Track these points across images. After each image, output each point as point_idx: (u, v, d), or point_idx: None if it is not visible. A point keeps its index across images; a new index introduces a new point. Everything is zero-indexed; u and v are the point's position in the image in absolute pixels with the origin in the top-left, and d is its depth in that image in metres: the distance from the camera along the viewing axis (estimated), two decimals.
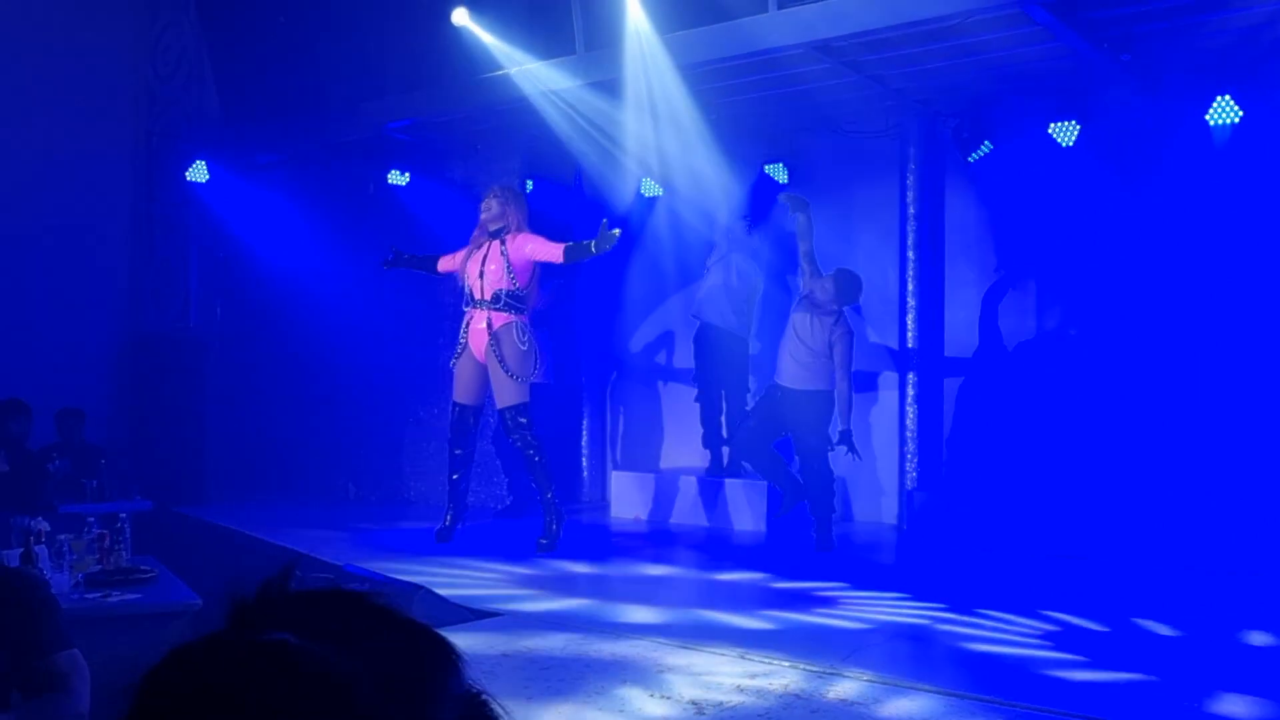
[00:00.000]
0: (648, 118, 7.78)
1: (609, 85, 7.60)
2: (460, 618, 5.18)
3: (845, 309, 7.24)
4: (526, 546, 6.89)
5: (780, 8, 6.69)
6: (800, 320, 7.18)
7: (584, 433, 9.65)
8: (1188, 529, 6.57)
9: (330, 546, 6.81)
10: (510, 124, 8.62)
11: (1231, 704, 3.96)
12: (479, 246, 6.91)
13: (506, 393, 6.77)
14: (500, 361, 6.73)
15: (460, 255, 7.06)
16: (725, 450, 8.36)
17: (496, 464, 8.92)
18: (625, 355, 9.82)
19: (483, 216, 6.90)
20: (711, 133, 8.10)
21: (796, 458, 7.31)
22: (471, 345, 6.89)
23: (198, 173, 9.65)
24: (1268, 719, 3.87)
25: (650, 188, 9.33)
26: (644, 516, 8.52)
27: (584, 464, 9.65)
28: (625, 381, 9.85)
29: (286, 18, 9.11)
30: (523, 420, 6.76)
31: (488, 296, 6.81)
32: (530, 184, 9.30)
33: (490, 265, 6.82)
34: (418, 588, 5.55)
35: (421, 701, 0.73)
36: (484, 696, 0.77)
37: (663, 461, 9.39)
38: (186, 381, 9.58)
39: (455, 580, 5.86)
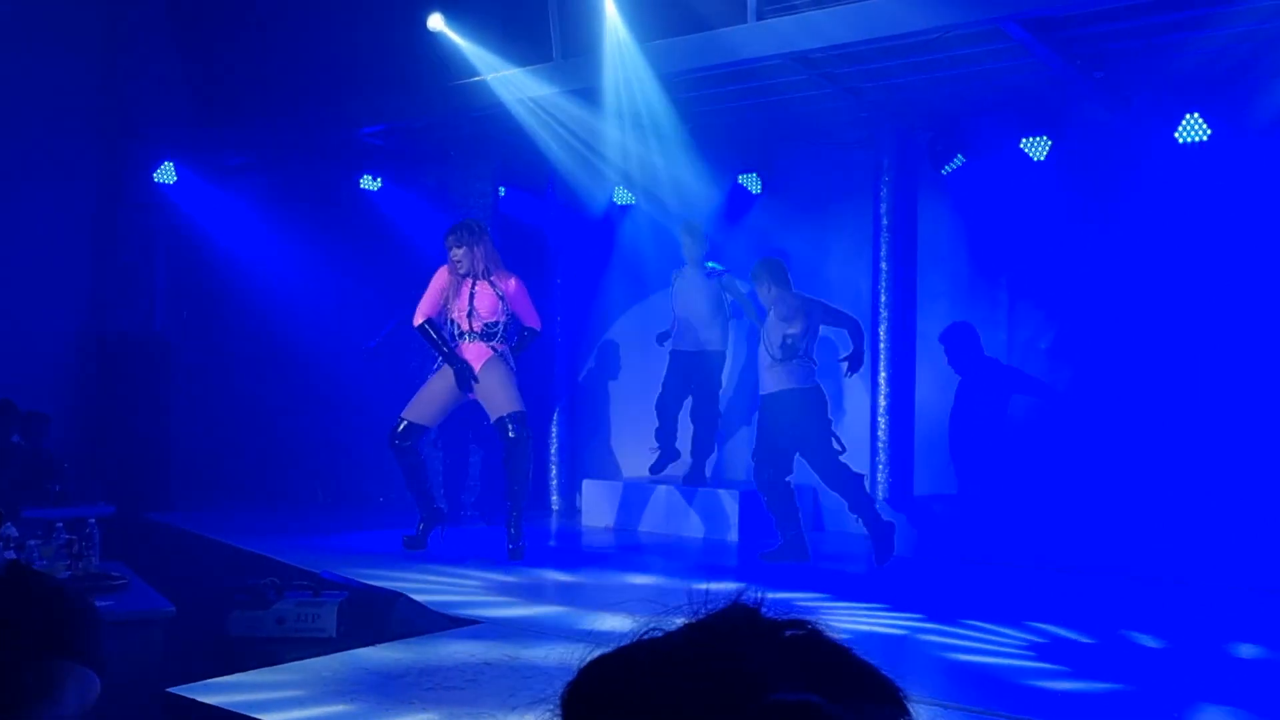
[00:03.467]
0: (623, 126, 7.80)
1: (585, 93, 7.61)
2: (439, 625, 5.15)
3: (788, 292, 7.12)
4: (498, 553, 6.86)
5: (759, 19, 6.74)
6: (762, 332, 7.23)
7: (554, 441, 9.62)
8: (1159, 540, 6.66)
9: (302, 553, 6.74)
10: (484, 130, 8.59)
11: (1209, 715, 4.02)
12: (460, 282, 6.89)
13: (503, 402, 6.79)
14: (495, 378, 6.77)
15: (433, 297, 6.97)
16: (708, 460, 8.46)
17: (465, 469, 8.88)
18: (597, 363, 9.81)
19: (459, 263, 6.86)
20: (687, 142, 8.13)
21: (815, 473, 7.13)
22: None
23: (166, 174, 9.55)
24: None
25: (623, 196, 9.34)
26: (614, 525, 8.51)
27: (554, 472, 9.62)
28: (596, 390, 9.84)
29: (259, 19, 9.03)
30: (521, 426, 6.79)
31: (478, 329, 6.85)
32: (503, 190, 9.29)
33: (482, 300, 6.85)
34: (397, 595, 5.51)
35: None
36: None
37: (633, 470, 9.39)
38: (151, 385, 9.44)
39: (432, 587, 5.83)
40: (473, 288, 6.88)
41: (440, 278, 6.97)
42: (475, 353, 6.86)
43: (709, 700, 0.63)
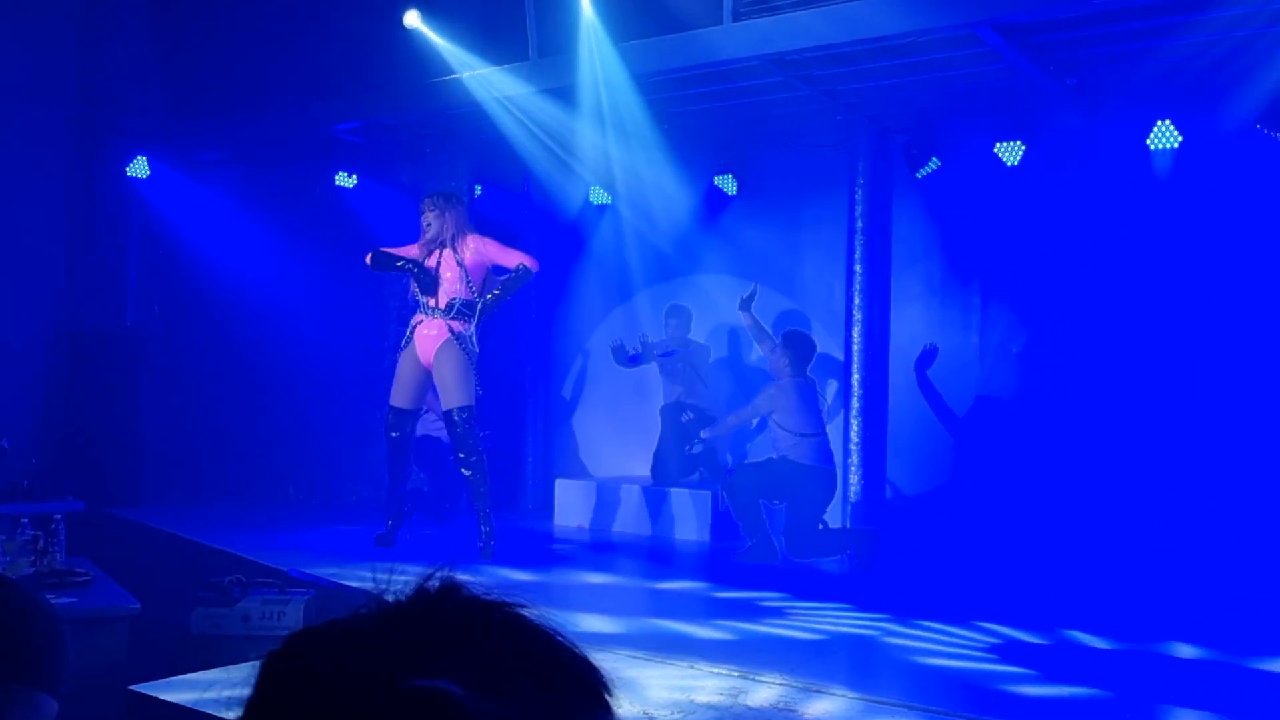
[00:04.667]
0: (599, 126, 7.79)
1: (561, 92, 7.60)
2: None
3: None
4: (469, 552, 6.84)
5: (735, 20, 6.74)
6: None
7: (527, 440, 9.61)
8: (1131, 541, 6.70)
9: (272, 550, 6.70)
10: (460, 128, 8.57)
11: (1171, 717, 4.05)
12: (429, 254, 6.80)
13: (454, 394, 6.72)
14: (451, 365, 6.68)
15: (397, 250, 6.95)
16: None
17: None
18: (570, 363, 9.81)
19: (432, 225, 6.78)
20: (663, 142, 8.14)
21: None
22: (419, 349, 6.80)
23: (139, 169, 9.48)
24: None
25: (599, 196, 9.34)
26: (587, 525, 8.51)
27: (527, 472, 9.61)
28: (571, 389, 9.84)
29: (235, 13, 8.97)
30: (470, 421, 6.71)
31: (442, 305, 6.73)
32: (479, 189, 9.27)
33: (445, 274, 6.72)
34: (365, 593, 5.48)
35: None
36: None
37: (606, 470, 9.39)
38: (122, 380, 9.38)
39: (402, 585, 5.80)
40: (439, 259, 6.78)
41: (411, 247, 6.91)
42: (434, 330, 6.75)
43: (356, 684, 0.62)
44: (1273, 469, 6.67)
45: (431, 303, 6.75)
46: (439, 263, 6.75)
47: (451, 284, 6.73)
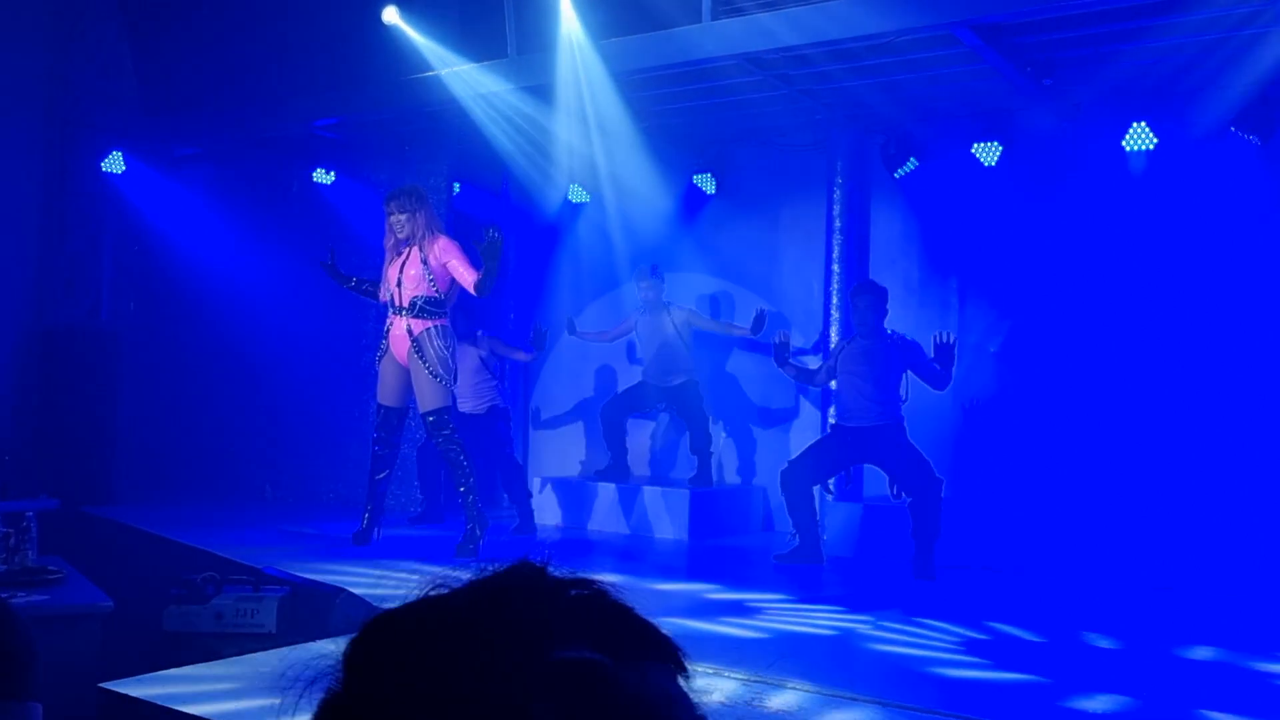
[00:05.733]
0: (578, 124, 7.79)
1: (540, 90, 7.58)
2: None
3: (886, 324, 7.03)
4: (445, 551, 6.81)
5: (714, 19, 6.75)
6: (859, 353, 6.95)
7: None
8: (1109, 539, 6.74)
9: (245, 548, 6.66)
10: (439, 125, 8.55)
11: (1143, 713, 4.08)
12: (398, 254, 6.74)
13: (428, 397, 6.70)
14: (423, 365, 6.67)
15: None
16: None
17: (413, 469, 8.83)
18: (551, 360, 9.79)
19: (394, 232, 6.71)
20: (642, 141, 8.14)
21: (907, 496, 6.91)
22: (393, 349, 6.78)
23: (114, 164, 9.40)
24: None
25: (578, 194, 9.33)
26: (565, 523, 8.50)
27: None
28: (549, 387, 9.82)
29: (212, 7, 8.92)
30: (445, 422, 6.71)
31: (406, 303, 6.68)
32: (457, 186, 9.24)
33: (410, 271, 6.67)
34: (338, 590, 5.46)
35: None
36: None
37: (586, 469, 9.38)
38: (97, 377, 9.30)
39: (375, 582, 5.78)
40: (406, 257, 6.70)
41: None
42: (400, 330, 6.70)
43: (492, 657, 0.61)
44: (1248, 464, 6.72)
45: (397, 302, 6.72)
46: (405, 260, 6.70)
47: (414, 282, 6.67)
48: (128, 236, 9.79)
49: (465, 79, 7.66)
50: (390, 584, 5.80)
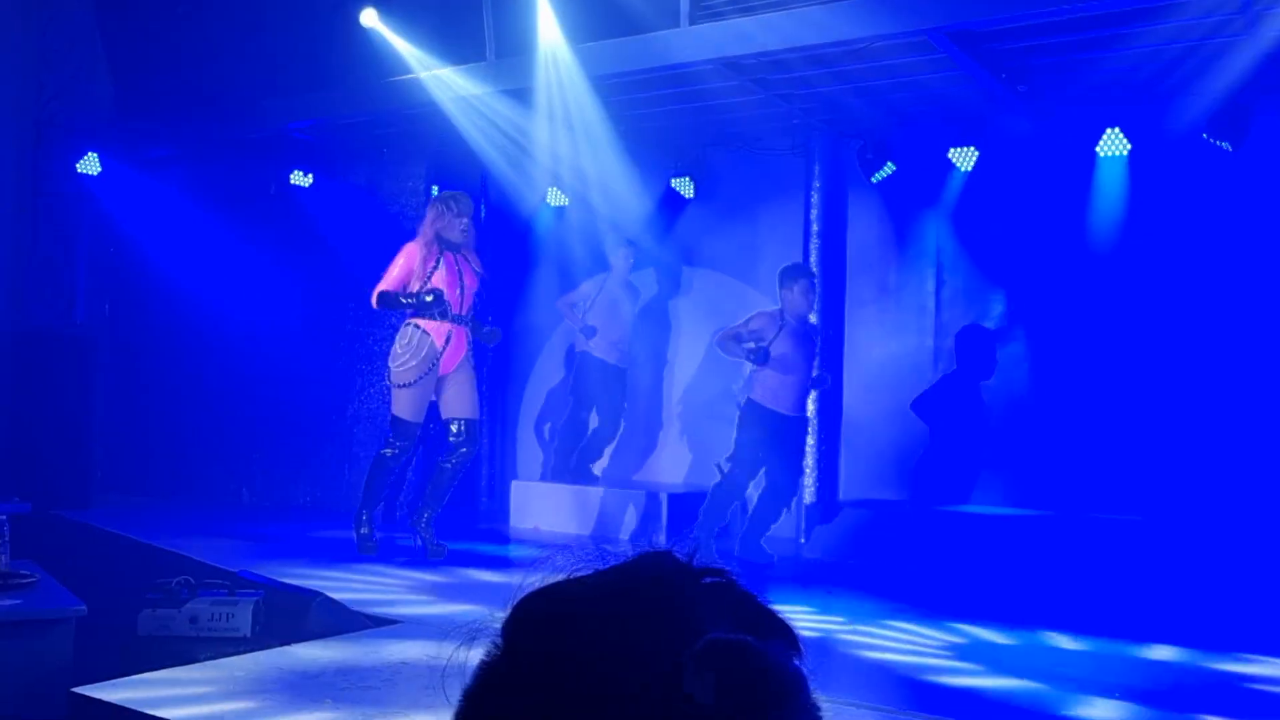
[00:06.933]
0: (557, 127, 7.79)
1: (519, 93, 7.58)
2: (358, 624, 5.10)
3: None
4: (420, 552, 6.81)
5: (691, 24, 6.77)
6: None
7: (482, 441, 9.56)
8: (1088, 540, 6.79)
9: (221, 552, 6.63)
10: (417, 128, 8.54)
11: (1119, 712, 4.11)
12: (437, 261, 6.51)
13: (472, 404, 6.69)
14: (471, 372, 6.65)
15: (401, 278, 6.57)
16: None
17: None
18: (528, 364, 9.78)
19: (464, 233, 6.55)
20: (620, 144, 8.15)
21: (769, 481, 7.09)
22: (444, 360, 6.58)
23: (89, 165, 9.35)
24: None
25: (556, 197, 9.33)
26: (542, 527, 8.49)
27: (483, 473, 9.58)
28: (527, 390, 9.82)
29: (188, 8, 8.88)
30: (479, 437, 6.71)
31: (465, 311, 6.58)
32: (436, 189, 9.22)
33: (468, 280, 6.58)
34: (315, 594, 5.45)
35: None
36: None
37: (562, 472, 9.36)
38: (71, 380, 9.23)
39: (351, 586, 5.77)
40: (458, 265, 6.53)
41: (412, 256, 6.57)
42: (459, 340, 6.57)
43: (652, 634, 0.65)
44: (1225, 461, 6.80)
45: (455, 310, 6.56)
46: (460, 269, 6.58)
47: (472, 290, 6.61)
48: (103, 239, 9.74)
49: (443, 82, 7.65)
50: (365, 588, 5.79)
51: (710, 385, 8.95)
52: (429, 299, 6.46)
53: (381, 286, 6.59)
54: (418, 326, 6.54)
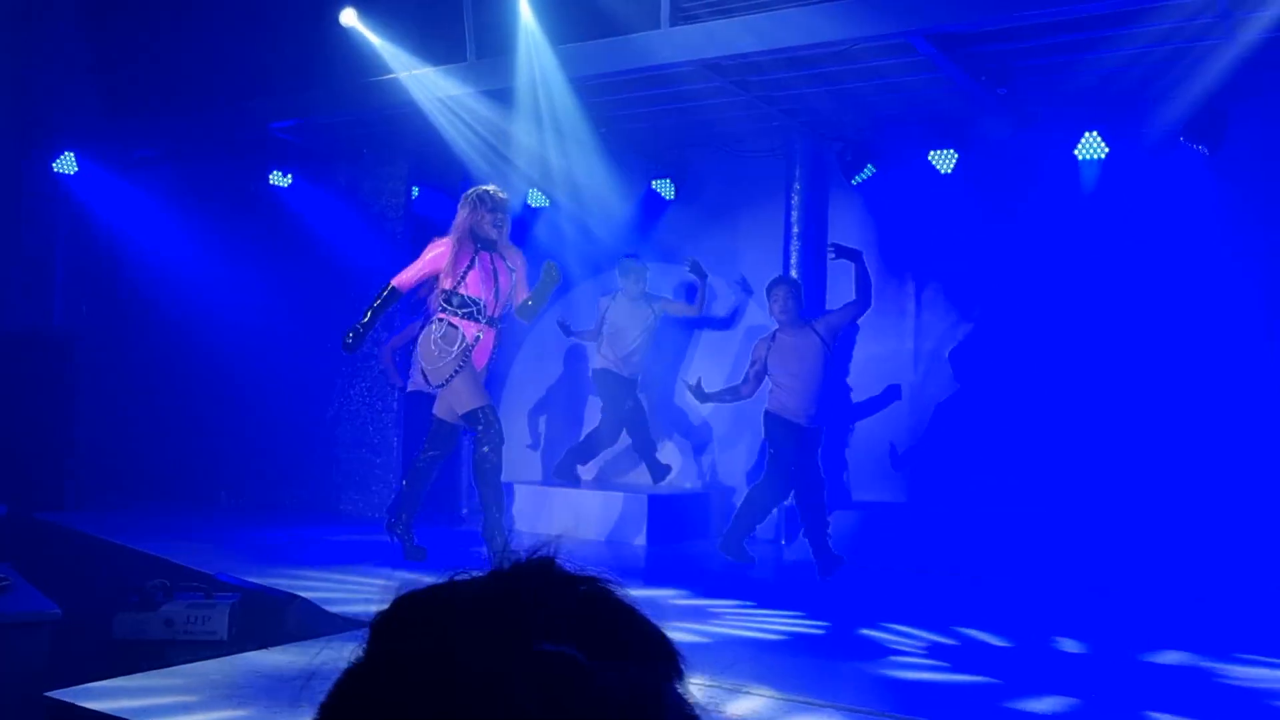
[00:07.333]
0: (538, 128, 7.78)
1: (500, 94, 7.57)
2: (336, 627, 5.07)
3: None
4: (399, 554, 6.78)
5: (673, 25, 6.77)
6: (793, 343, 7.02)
7: (464, 444, 9.52)
8: (1072, 541, 6.82)
9: (199, 555, 6.58)
10: (398, 129, 8.51)
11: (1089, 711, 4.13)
12: (470, 260, 6.24)
13: (466, 401, 6.42)
14: (484, 370, 6.51)
15: (422, 274, 6.35)
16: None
17: (374, 474, 8.78)
18: (510, 367, 9.76)
19: (499, 230, 6.25)
20: (601, 146, 8.14)
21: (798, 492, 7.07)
22: (475, 359, 6.37)
23: (66, 164, 9.28)
24: None
25: (537, 198, 9.32)
26: (525, 529, 8.47)
27: (464, 476, 9.54)
28: (509, 393, 9.79)
29: (169, 8, 8.84)
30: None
31: (498, 314, 6.34)
32: (416, 190, 9.20)
33: (502, 280, 6.29)
34: (293, 597, 5.42)
35: None
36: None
37: (544, 474, 9.36)
38: (49, 381, 9.15)
39: (331, 588, 5.74)
40: (493, 265, 6.25)
41: (441, 254, 6.27)
42: (488, 340, 6.34)
43: (488, 642, 0.66)
44: (1200, 466, 6.83)
45: (489, 313, 6.33)
46: (493, 268, 6.30)
47: (506, 292, 6.33)
48: (82, 240, 9.68)
49: (424, 82, 7.63)
50: (344, 591, 5.76)
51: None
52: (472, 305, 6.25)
53: (399, 279, 6.37)
54: (452, 325, 6.26)
